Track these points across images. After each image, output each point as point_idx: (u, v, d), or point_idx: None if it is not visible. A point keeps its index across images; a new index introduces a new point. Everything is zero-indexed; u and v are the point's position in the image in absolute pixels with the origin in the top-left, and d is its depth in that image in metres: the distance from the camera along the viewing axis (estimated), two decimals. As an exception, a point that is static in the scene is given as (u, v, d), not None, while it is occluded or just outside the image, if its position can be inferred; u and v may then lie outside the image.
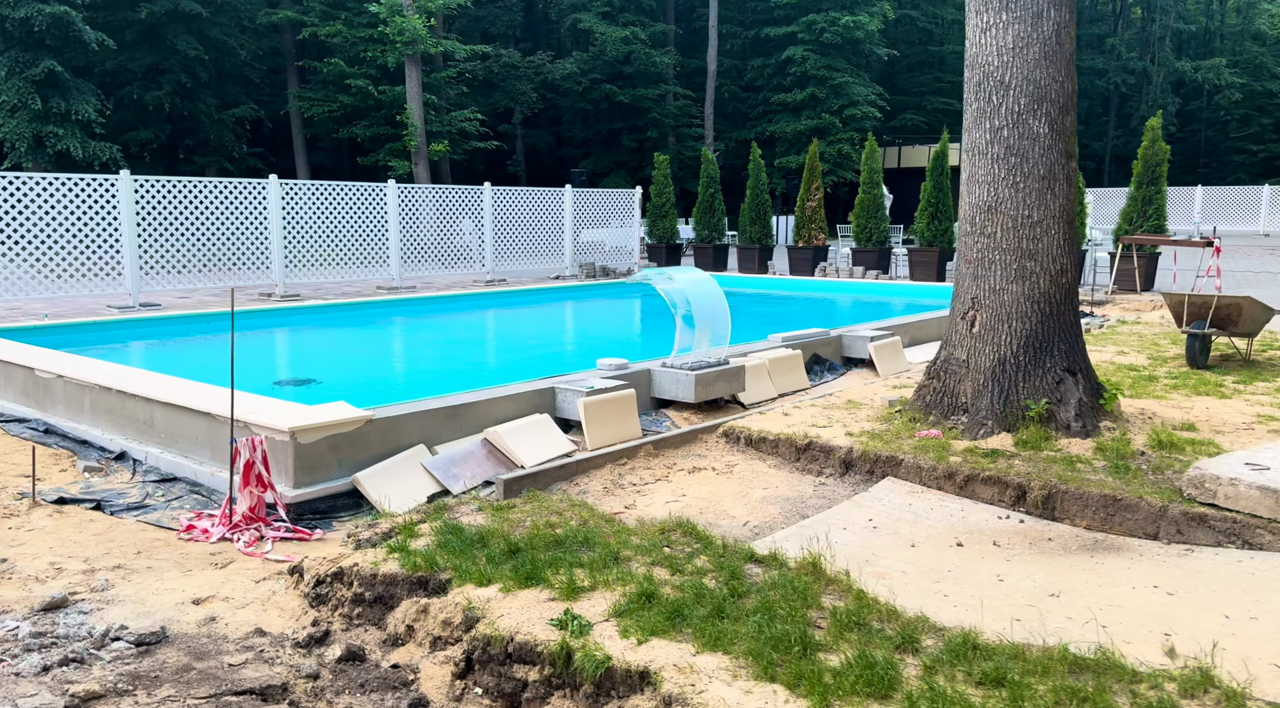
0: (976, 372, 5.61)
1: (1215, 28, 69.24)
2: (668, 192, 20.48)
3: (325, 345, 11.02)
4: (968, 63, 5.62)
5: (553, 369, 9.12)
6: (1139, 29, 66.69)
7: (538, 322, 13.72)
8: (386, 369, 9.50)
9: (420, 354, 10.56)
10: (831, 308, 14.67)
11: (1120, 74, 63.06)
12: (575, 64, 36.84)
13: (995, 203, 5.46)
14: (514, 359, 10.18)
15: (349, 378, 8.80)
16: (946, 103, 49.43)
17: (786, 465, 5.72)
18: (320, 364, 9.58)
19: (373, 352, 10.67)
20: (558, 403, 6.64)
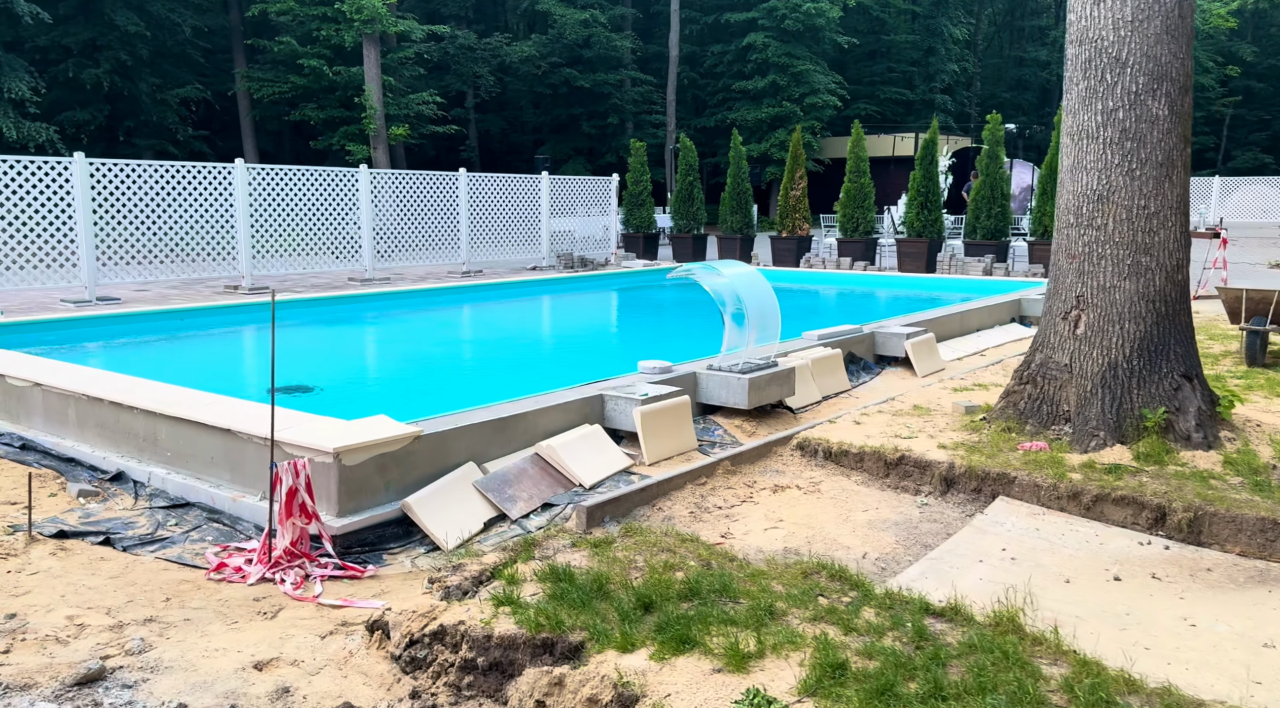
0: (1082, 377, 5.18)
1: (1152, 22, 70.55)
2: (645, 180, 19.89)
3: (309, 345, 10.23)
4: (1073, 39, 5.15)
5: (567, 372, 8.52)
6: (1081, 21, 67.62)
7: (531, 318, 13.06)
8: (385, 373, 8.79)
9: (417, 355, 9.85)
10: (830, 302, 14.26)
11: (1063, 66, 63.88)
12: (534, 47, 35.92)
13: (1107, 192, 5.01)
14: (523, 361, 9.54)
15: (348, 384, 8.09)
16: (899, 93, 49.55)
17: (875, 482, 5.23)
18: (310, 368, 8.81)
19: (363, 352, 9.93)
20: (607, 412, 6.06)
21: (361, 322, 11.79)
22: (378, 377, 8.49)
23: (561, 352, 10.03)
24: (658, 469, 5.70)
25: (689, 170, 19.45)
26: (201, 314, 10.95)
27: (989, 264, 15.50)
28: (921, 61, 50.29)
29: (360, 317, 12.09)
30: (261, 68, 29.95)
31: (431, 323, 12.03)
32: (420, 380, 8.38)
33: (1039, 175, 15.50)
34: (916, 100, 50.47)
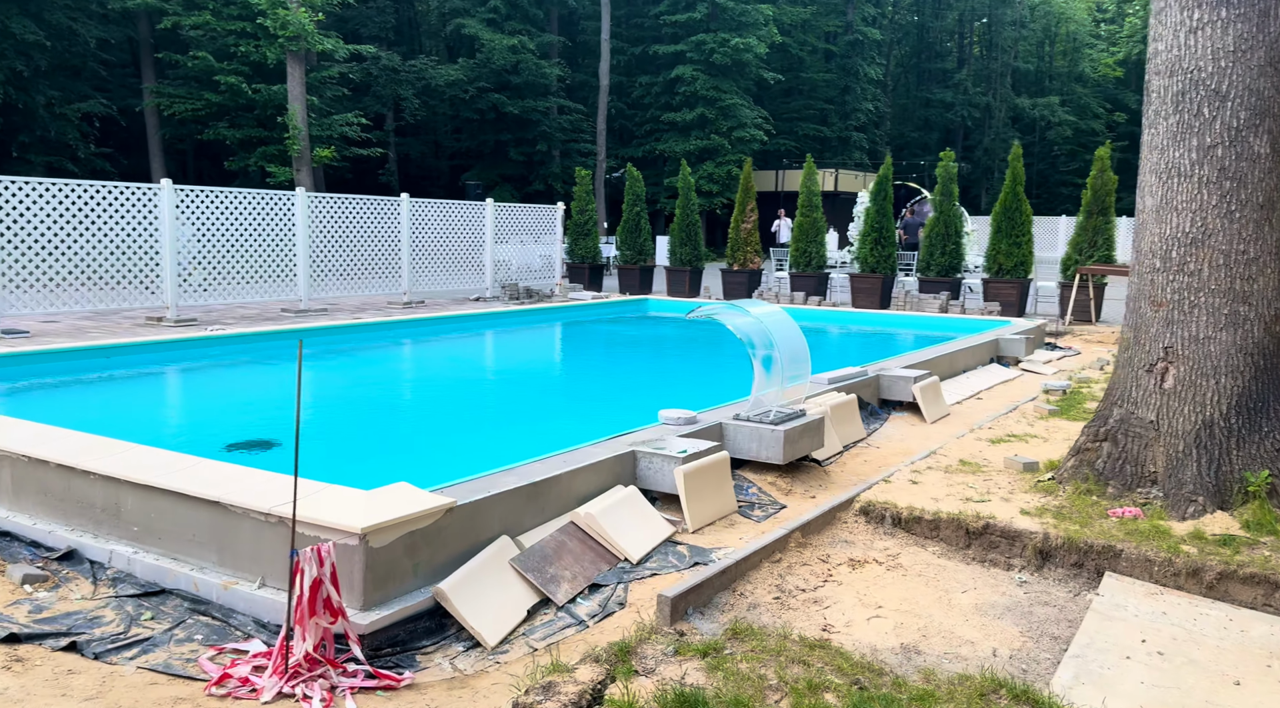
0: (1172, 436, 4.79)
1: (1046, 68, 74.24)
2: (590, 209, 19.33)
3: (254, 388, 9.27)
4: (1160, 69, 4.81)
5: (551, 418, 7.83)
6: (982, 65, 70.67)
7: (489, 355, 12.28)
8: (347, 421, 7.92)
9: (377, 399, 8.99)
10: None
11: (966, 108, 66.61)
12: (461, 71, 35.11)
13: (1203, 235, 4.66)
14: (495, 405, 8.80)
15: (311, 435, 7.20)
16: (816, 129, 50.49)
17: (956, 554, 4.72)
18: (263, 416, 7.89)
19: (316, 396, 9.00)
20: (640, 471, 5.41)
21: (307, 359, 10.83)
22: (340, 425, 7.62)
23: (536, 394, 9.32)
24: (702, 537, 5.09)
25: (635, 200, 18.99)
26: (127, 352, 9.83)
27: (945, 301, 15.42)
28: (838, 99, 51.41)
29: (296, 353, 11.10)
30: (173, 83, 28.34)
31: (383, 361, 11.15)
32: (389, 430, 7.56)
33: (994, 212, 15.54)
34: (833, 137, 51.50)
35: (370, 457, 6.56)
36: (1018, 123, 69.97)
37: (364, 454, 6.60)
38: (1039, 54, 74.04)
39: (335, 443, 6.85)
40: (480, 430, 7.46)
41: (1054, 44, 74.03)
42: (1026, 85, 72.13)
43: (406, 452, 6.72)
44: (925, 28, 68.40)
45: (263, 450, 6.51)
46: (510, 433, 7.39)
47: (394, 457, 6.55)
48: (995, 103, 68.10)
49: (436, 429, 7.50)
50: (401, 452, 6.72)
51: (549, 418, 8.01)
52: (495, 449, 6.82)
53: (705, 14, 37.55)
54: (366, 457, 6.54)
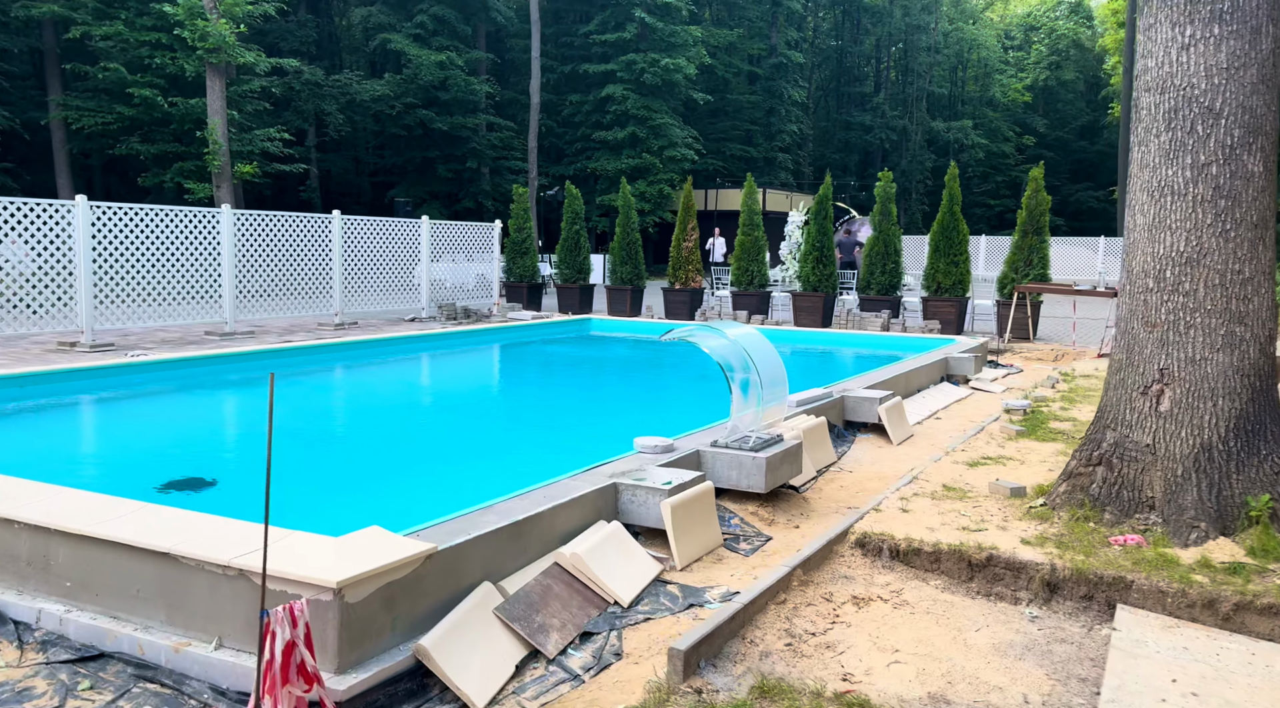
0: (1170, 460, 4.69)
1: (959, 93, 76.72)
2: (528, 227, 18.96)
3: (184, 420, 8.66)
4: (1150, 87, 4.74)
5: (504, 448, 7.43)
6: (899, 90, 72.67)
7: (431, 380, 11.81)
8: (288, 454, 7.42)
9: (315, 430, 8.48)
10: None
11: (884, 130, 68.37)
12: (387, 87, 34.39)
13: (1198, 254, 4.59)
14: (444, 433, 8.38)
15: (249, 472, 6.70)
16: (743, 149, 51.07)
17: (959, 588, 4.53)
18: (194, 451, 7.34)
19: (250, 428, 8.44)
20: (622, 504, 5.10)
21: (233, 386, 10.21)
22: (282, 460, 7.11)
23: (491, 421, 8.92)
24: (692, 574, 4.81)
25: (575, 218, 18.69)
26: (39, 382, 9.10)
27: (886, 319, 15.49)
28: (763, 121, 52.11)
29: (228, 379, 10.48)
30: (81, 96, 26.99)
31: (321, 388, 10.60)
32: (337, 464, 7.08)
33: (931, 232, 15.70)
34: (759, 157, 52.13)
35: (321, 495, 6.10)
36: (933, 145, 72.06)
37: (314, 493, 6.14)
38: (952, 79, 76.46)
39: (280, 480, 6.36)
40: (438, 463, 7.05)
41: (966, 69, 76.56)
42: (941, 109, 74.37)
43: (360, 489, 6.28)
44: (844, 52, 69.98)
45: (199, 490, 6.00)
46: (471, 464, 7.01)
47: (347, 495, 6.11)
48: (911, 126, 70.02)
49: (389, 462, 7.06)
50: (355, 489, 6.27)
51: (509, 447, 7.64)
52: (457, 483, 6.43)
53: (635, 34, 37.62)
54: (317, 496, 6.07)
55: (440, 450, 7.44)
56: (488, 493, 6.02)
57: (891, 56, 73.23)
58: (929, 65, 71.48)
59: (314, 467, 6.78)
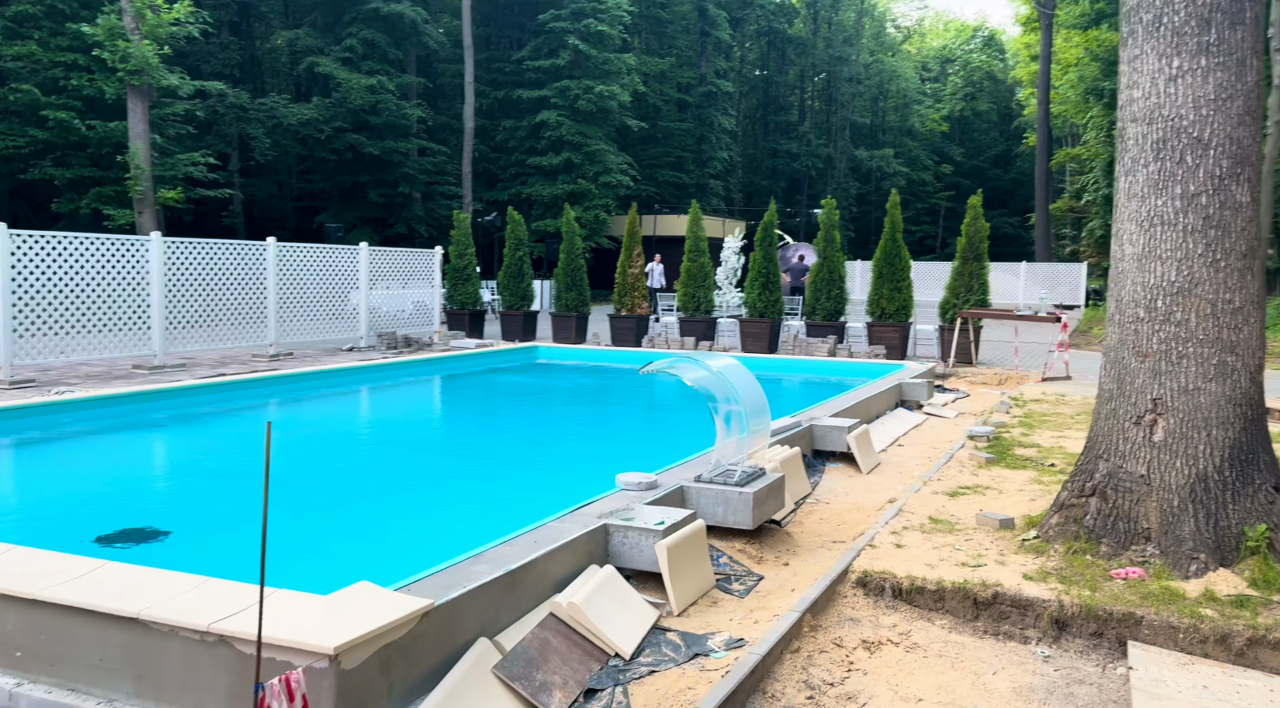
0: (1165, 490, 4.68)
1: (880, 122, 78.86)
2: (470, 253, 18.62)
3: (118, 463, 8.13)
4: (1138, 117, 4.77)
5: (478, 485, 7.10)
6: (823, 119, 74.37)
7: (376, 413, 11.40)
8: (243, 501, 7.00)
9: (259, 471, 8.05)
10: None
11: (810, 158, 69.85)
12: (315, 110, 33.66)
13: (1190, 284, 4.61)
14: (414, 474, 8.04)
15: (201, 521, 6.30)
16: (675, 176, 51.44)
17: (965, 627, 4.43)
18: (135, 497, 6.88)
19: (193, 471, 7.97)
20: (613, 546, 4.89)
21: (169, 425, 9.67)
22: (230, 505, 6.70)
23: (449, 457, 8.60)
24: (689, 620, 4.61)
25: (518, 244, 18.43)
26: None
27: (833, 345, 15.58)
28: (694, 148, 52.60)
29: (162, 417, 9.93)
30: (-10, 117, 25.71)
31: (261, 423, 10.11)
32: (290, 508, 6.69)
33: (875, 258, 15.89)
34: (691, 183, 52.56)
35: (285, 545, 5.73)
36: (857, 173, 73.83)
37: (276, 542, 5.75)
38: (874, 109, 78.56)
39: (230, 528, 5.96)
40: (404, 504, 6.72)
41: (886, 100, 78.75)
42: (863, 138, 76.28)
43: (325, 535, 5.92)
44: (770, 82, 71.30)
45: (150, 542, 5.57)
46: (440, 506, 6.70)
47: (313, 543, 5.75)
48: (836, 154, 71.66)
49: (352, 506, 6.70)
50: (319, 536, 5.92)
51: (476, 484, 7.34)
52: (430, 526, 6.12)
53: (568, 61, 37.64)
54: (280, 545, 5.70)
55: (404, 491, 7.11)
56: (462, 536, 5.73)
57: (815, 86, 74.94)
58: (851, 95, 73.31)
59: (271, 513, 6.38)
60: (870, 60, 76.16)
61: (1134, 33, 4.78)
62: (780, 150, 70.18)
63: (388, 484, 7.30)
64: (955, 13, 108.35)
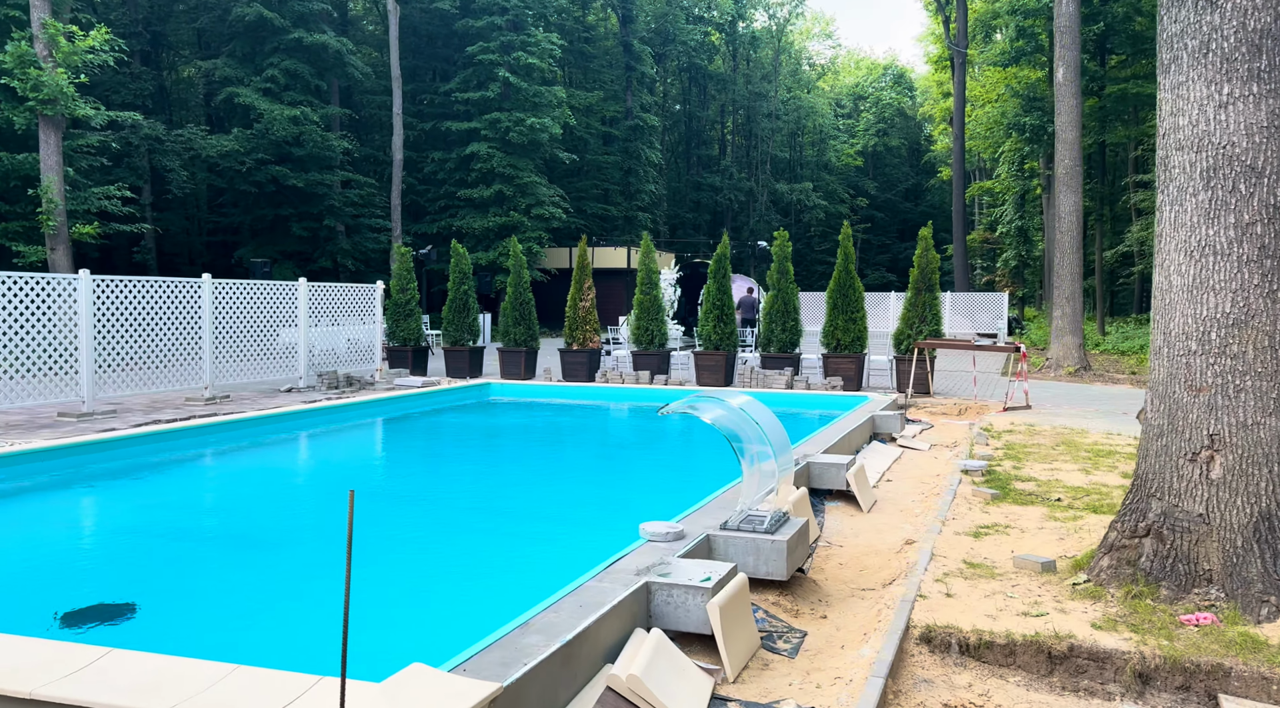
0: (1226, 530, 4.54)
1: (798, 157, 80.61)
2: (411, 288, 18.01)
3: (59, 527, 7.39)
4: (1185, 144, 4.67)
5: (462, 540, 6.59)
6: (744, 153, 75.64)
7: (341, 459, 10.77)
8: (211, 567, 6.38)
9: (231, 533, 7.42)
10: (662, 423, 13.30)
11: (733, 192, 70.89)
12: (236, 142, 32.51)
13: (1245, 316, 4.51)
14: (392, 527, 7.49)
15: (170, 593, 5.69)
16: (604, 208, 51.42)
17: (1041, 683, 4.18)
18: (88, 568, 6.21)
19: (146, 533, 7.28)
20: (656, 606, 4.50)
21: (108, 480, 8.90)
22: (198, 572, 6.09)
23: (421, 506, 8.07)
24: (746, 687, 4.26)
25: (463, 277, 17.91)
26: None
27: (790, 377, 15.46)
28: (622, 181, 52.73)
29: (98, 471, 9.14)
30: (-118, 147, 24.05)
31: (206, 476, 9.41)
32: (267, 573, 6.12)
33: (829, 289, 15.88)
34: (619, 216, 52.60)
35: (272, 611, 5.17)
36: (778, 206, 75.14)
37: (262, 613, 5.20)
38: (792, 144, 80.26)
39: (201, 597, 5.37)
40: (392, 561, 6.19)
41: (804, 135, 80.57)
42: (783, 172, 77.77)
43: (318, 600, 5.37)
44: (692, 117, 72.15)
45: (116, 621, 4.94)
46: (432, 561, 6.20)
47: (309, 610, 5.20)
48: (757, 187, 72.90)
49: (332, 564, 6.15)
50: (313, 600, 5.36)
51: (462, 536, 6.85)
52: (427, 585, 5.63)
53: (498, 93, 37.32)
54: (267, 616, 5.14)
55: (393, 546, 6.57)
56: (473, 596, 5.27)
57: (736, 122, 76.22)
58: (770, 131, 74.73)
59: (249, 578, 5.80)
60: (788, 97, 77.88)
61: (1177, 59, 4.71)
62: (704, 183, 70.99)
63: (374, 540, 6.75)
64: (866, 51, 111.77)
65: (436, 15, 40.68)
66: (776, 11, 75.66)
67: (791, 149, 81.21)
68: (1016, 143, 38.53)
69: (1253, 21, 4.44)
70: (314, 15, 35.54)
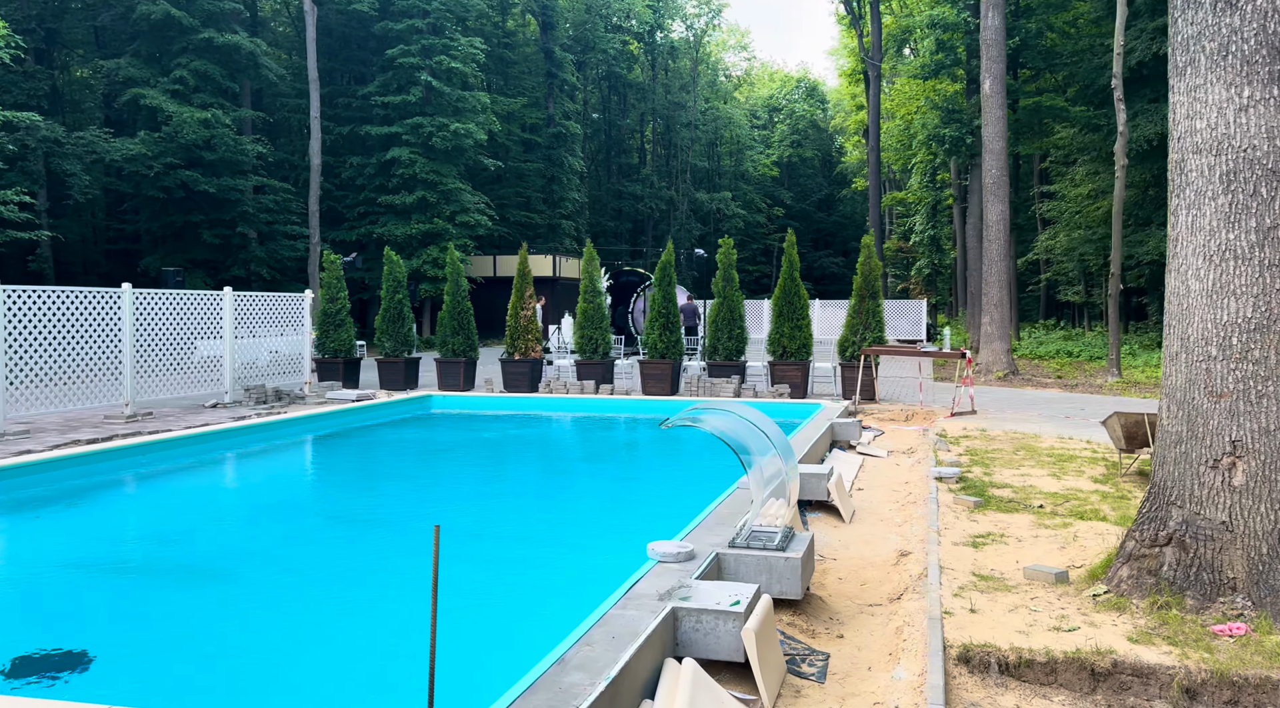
0: (1251, 537, 4.50)
1: (716, 167, 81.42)
2: (342, 297, 17.31)
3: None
4: (1203, 148, 4.64)
5: (428, 566, 6.16)
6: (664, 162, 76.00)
7: (277, 481, 10.17)
8: (146, 606, 5.85)
9: (164, 565, 6.86)
10: (623, 435, 13.00)
11: (654, 200, 71.17)
12: (142, 145, 30.96)
13: (1268, 321, 4.49)
14: (348, 554, 7.03)
15: (127, 635, 5.17)
16: (527, 216, 50.87)
17: (1084, 702, 4.07)
18: (25, 611, 5.63)
19: (84, 569, 6.66)
20: (683, 634, 4.23)
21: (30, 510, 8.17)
22: (147, 611, 5.56)
23: (375, 530, 7.61)
24: (784, 715, 4.01)
25: (397, 286, 17.29)
26: None
27: (737, 385, 15.36)
28: (545, 188, 52.27)
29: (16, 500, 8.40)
30: None
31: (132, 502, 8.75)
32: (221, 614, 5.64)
33: (774, 297, 15.85)
34: (543, 224, 52.11)
35: (231, 659, 4.72)
36: (698, 214, 75.64)
37: (221, 657, 4.74)
38: (710, 154, 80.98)
39: (161, 641, 4.87)
40: (368, 597, 5.76)
41: (721, 145, 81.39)
42: (702, 181, 78.35)
43: (282, 641, 4.92)
44: (612, 125, 72.10)
45: (77, 670, 4.42)
46: (400, 591, 5.78)
47: (275, 656, 4.76)
48: (677, 196, 73.29)
49: (299, 596, 5.68)
50: (277, 644, 4.92)
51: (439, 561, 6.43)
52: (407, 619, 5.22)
53: (420, 97, 36.50)
54: (225, 660, 4.69)
55: (361, 577, 6.12)
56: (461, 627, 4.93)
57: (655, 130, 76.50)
58: (690, 140, 75.20)
59: (207, 615, 5.30)
60: (706, 107, 78.49)
61: (1194, 62, 4.68)
62: (625, 192, 70.97)
63: (337, 567, 6.29)
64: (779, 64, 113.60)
65: (354, 17, 39.61)
66: (694, 22, 76.27)
67: (710, 159, 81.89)
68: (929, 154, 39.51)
69: (1273, 24, 4.44)
70: (225, 15, 34.19)
